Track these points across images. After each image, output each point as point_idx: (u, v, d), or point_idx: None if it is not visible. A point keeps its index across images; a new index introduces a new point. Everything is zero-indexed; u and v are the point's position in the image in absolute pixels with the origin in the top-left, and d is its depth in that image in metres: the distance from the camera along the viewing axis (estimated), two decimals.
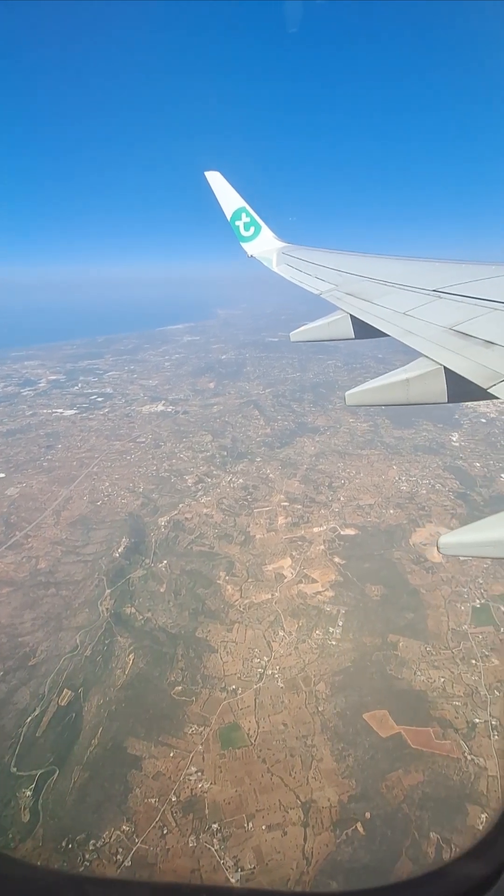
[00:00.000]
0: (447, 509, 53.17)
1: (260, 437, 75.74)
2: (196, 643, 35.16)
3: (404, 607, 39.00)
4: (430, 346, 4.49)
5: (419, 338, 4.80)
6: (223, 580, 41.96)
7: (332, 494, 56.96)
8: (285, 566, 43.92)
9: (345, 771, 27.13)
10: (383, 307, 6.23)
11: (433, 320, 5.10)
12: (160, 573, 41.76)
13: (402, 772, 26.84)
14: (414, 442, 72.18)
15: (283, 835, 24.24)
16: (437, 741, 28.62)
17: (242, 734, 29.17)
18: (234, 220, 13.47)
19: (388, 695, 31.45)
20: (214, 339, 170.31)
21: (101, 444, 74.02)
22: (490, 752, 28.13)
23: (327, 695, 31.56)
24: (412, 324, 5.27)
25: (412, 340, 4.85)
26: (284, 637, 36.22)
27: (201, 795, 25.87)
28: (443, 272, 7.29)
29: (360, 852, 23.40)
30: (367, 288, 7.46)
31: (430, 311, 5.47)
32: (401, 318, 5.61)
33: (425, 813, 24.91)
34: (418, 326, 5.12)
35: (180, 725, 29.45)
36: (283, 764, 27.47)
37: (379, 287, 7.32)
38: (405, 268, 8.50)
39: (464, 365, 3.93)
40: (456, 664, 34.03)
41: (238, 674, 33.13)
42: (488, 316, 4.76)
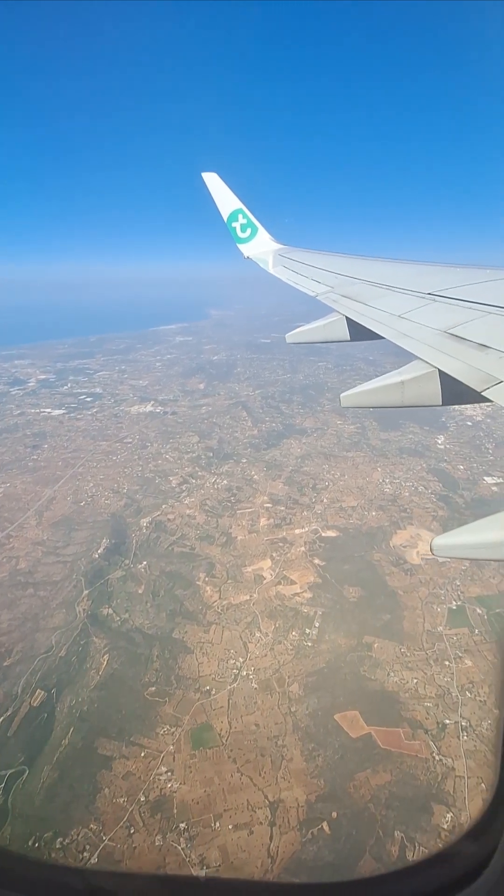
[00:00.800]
0: (428, 511, 53.66)
1: (247, 438, 75.94)
2: (172, 644, 35.31)
3: (381, 609, 39.35)
4: (425, 349, 4.53)
5: (414, 340, 4.84)
6: (203, 581, 42.14)
7: (315, 496, 57.30)
8: (265, 567, 44.17)
9: (314, 771, 27.39)
10: (378, 310, 6.30)
11: (428, 323, 5.14)
12: (139, 574, 41.86)
13: (370, 772, 27.13)
14: (400, 444, 72.71)
15: (249, 834, 24.46)
16: (406, 741, 28.94)
17: (214, 734, 29.36)
18: (231, 221, 13.54)
19: (360, 696, 31.74)
20: (207, 340, 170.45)
21: (87, 445, 73.91)
22: (458, 753, 28.49)
23: (300, 696, 31.81)
24: (407, 326, 5.32)
25: (407, 343, 4.89)
26: (261, 638, 36.45)
27: (170, 795, 26.03)
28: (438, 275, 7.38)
29: (324, 851, 23.66)
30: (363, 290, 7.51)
31: (425, 314, 5.52)
32: (396, 320, 5.66)
33: (391, 812, 25.21)
34: (413, 329, 5.15)
35: (152, 726, 29.58)
36: (254, 764, 27.70)
37: (374, 289, 7.39)
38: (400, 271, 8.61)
39: (458, 368, 3.97)
40: (429, 665, 34.41)
41: (213, 675, 33.31)
42: (482, 319, 4.81)
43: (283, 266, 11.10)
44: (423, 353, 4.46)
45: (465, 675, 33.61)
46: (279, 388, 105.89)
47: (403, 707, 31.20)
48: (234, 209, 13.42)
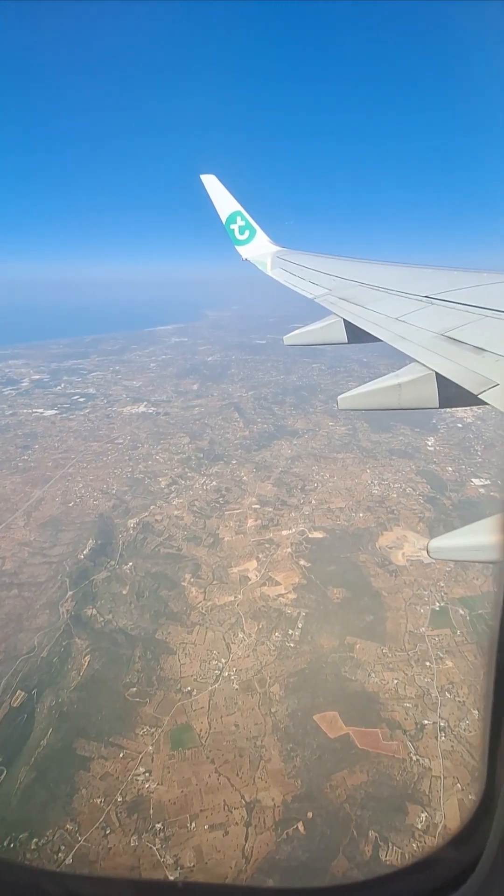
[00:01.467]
0: (415, 513, 53.92)
1: (238, 439, 76.07)
2: (155, 645, 35.42)
3: (364, 610, 39.55)
4: (422, 352, 4.55)
5: (411, 343, 4.86)
6: (188, 582, 42.27)
7: (303, 497, 57.49)
8: (251, 569, 44.33)
9: (291, 771, 27.54)
10: (376, 312, 6.33)
11: (425, 326, 5.16)
12: (124, 575, 41.95)
13: (347, 772, 27.30)
14: (390, 446, 72.93)
15: (224, 834, 24.58)
16: (384, 742, 29.13)
17: (194, 735, 29.48)
18: (230, 223, 13.59)
19: (340, 696, 31.92)
20: (202, 341, 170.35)
21: (78, 445, 73.92)
22: (436, 753, 28.70)
23: (281, 696, 31.97)
24: (404, 329, 5.33)
25: (404, 346, 4.91)
26: (244, 639, 36.59)
27: (147, 796, 26.14)
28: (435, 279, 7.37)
29: (298, 851, 23.82)
30: (361, 293, 7.54)
31: (422, 317, 5.54)
32: (393, 323, 5.68)
33: (366, 812, 25.39)
34: (410, 332, 5.18)
35: (132, 727, 29.68)
36: (232, 764, 27.83)
37: (372, 292, 7.43)
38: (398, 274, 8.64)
39: (455, 370, 3.97)
40: (410, 666, 34.62)
41: (194, 675, 33.44)
42: (479, 323, 4.82)
43: (281, 268, 11.19)
44: (420, 355, 4.49)
45: (445, 675, 33.84)
46: (272, 389, 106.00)
47: (383, 708, 31.40)
48: (232, 211, 13.51)
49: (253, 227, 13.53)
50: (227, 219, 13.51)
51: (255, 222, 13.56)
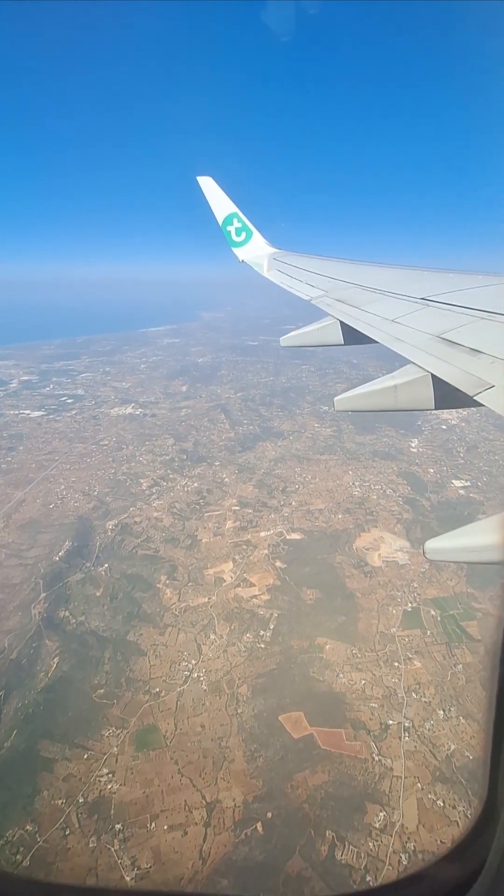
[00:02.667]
0: (394, 514, 54.27)
1: (223, 441, 76.26)
2: (125, 647, 35.57)
3: (337, 611, 39.85)
4: (418, 354, 4.56)
5: (407, 345, 4.87)
6: (163, 584, 42.44)
7: (284, 499, 57.75)
8: (226, 570, 44.54)
9: (254, 772, 27.77)
10: (372, 314, 6.33)
11: (421, 328, 5.19)
12: (99, 577, 42.08)
13: (308, 772, 27.56)
14: (374, 447, 73.34)
15: (183, 835, 24.79)
16: (347, 742, 29.41)
17: (159, 736, 29.68)
18: (226, 225, 13.61)
19: (307, 697, 32.18)
20: (194, 342, 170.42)
21: (63, 447, 73.91)
22: (398, 753, 29.02)
23: (248, 697, 32.20)
24: (400, 331, 5.35)
25: (400, 347, 4.92)
26: (215, 640, 36.80)
27: (109, 797, 26.30)
28: (431, 281, 7.43)
29: (255, 851, 24.04)
30: (357, 295, 7.55)
31: (418, 319, 5.57)
32: (389, 324, 5.68)
33: (325, 812, 25.65)
34: (406, 333, 5.19)
35: (98, 728, 29.85)
36: (195, 765, 28.04)
37: (368, 294, 7.42)
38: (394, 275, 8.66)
39: (451, 372, 3.98)
40: (379, 666, 34.94)
41: (164, 677, 33.63)
42: (474, 324, 4.85)
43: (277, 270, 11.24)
44: (416, 357, 4.51)
45: (412, 676, 34.19)
46: (261, 390, 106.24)
47: (349, 708, 31.68)
48: (228, 213, 13.55)
49: (249, 229, 13.63)
50: (223, 220, 13.59)
51: (251, 224, 13.65)
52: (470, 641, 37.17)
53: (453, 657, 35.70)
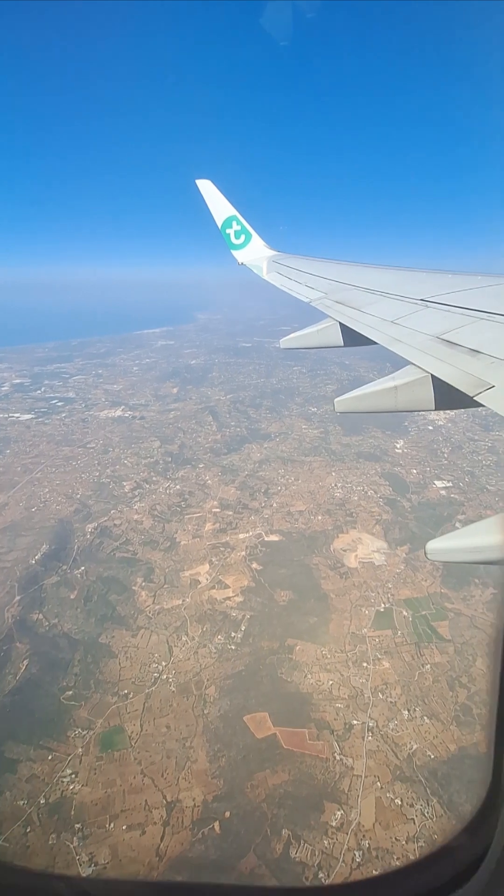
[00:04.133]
0: (373, 515, 54.62)
1: (209, 443, 76.63)
2: (97, 649, 35.98)
3: (309, 612, 40.20)
4: (418, 354, 4.57)
5: (407, 346, 4.88)
6: (139, 586, 42.84)
7: (265, 501, 58.13)
8: (202, 572, 44.94)
9: (216, 771, 28.15)
10: (372, 315, 6.34)
11: (420, 329, 5.19)
12: (74, 580, 42.48)
13: (269, 772, 27.92)
14: (359, 449, 73.66)
15: (141, 834, 25.17)
16: (309, 742, 29.78)
17: (124, 737, 30.07)
18: (225, 227, 13.67)
19: (273, 697, 32.55)
20: (189, 344, 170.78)
21: (49, 450, 74.32)
22: (360, 753, 29.38)
23: (215, 698, 32.58)
24: (400, 332, 5.36)
25: (400, 348, 4.93)
26: (187, 642, 37.19)
27: (71, 797, 26.67)
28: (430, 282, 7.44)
29: (210, 850, 24.41)
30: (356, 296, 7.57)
31: (418, 320, 5.57)
32: (389, 326, 5.70)
33: (282, 811, 26.01)
34: (406, 335, 5.20)
35: (64, 729, 30.22)
36: (158, 766, 28.43)
37: (367, 296, 7.45)
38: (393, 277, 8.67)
39: (451, 373, 3.98)
40: (348, 667, 35.29)
41: (133, 678, 34.01)
42: (474, 325, 4.85)
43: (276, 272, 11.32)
44: (415, 358, 4.52)
45: (380, 676, 34.55)
46: (251, 392, 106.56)
47: (314, 708, 32.04)
48: (228, 216, 13.62)
49: (248, 232, 13.69)
50: (222, 223, 13.67)
51: (250, 227, 13.71)
52: (440, 641, 37.54)
53: (422, 657, 36.05)
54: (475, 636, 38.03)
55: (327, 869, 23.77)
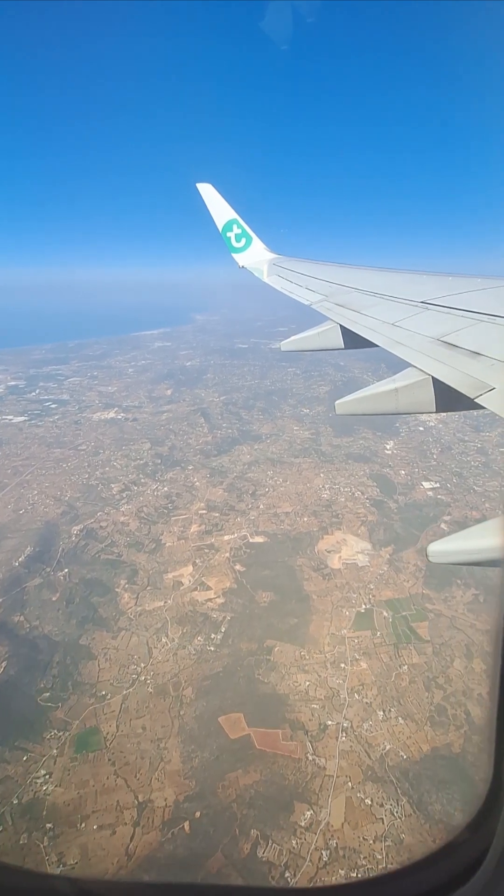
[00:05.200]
0: (359, 516, 54.81)
1: (199, 445, 76.92)
2: (76, 650, 36.27)
3: (290, 613, 40.43)
4: (419, 357, 4.58)
5: (407, 348, 4.90)
6: (122, 588, 43.12)
7: (252, 502, 58.38)
8: (186, 574, 45.20)
9: (188, 772, 28.39)
10: (372, 318, 6.35)
11: (421, 331, 5.21)
12: (57, 582, 42.80)
13: (241, 772, 28.15)
14: (349, 450, 73.84)
15: (111, 834, 25.41)
16: (283, 742, 30.00)
17: (100, 738, 30.33)
18: (226, 231, 13.70)
19: (249, 698, 32.79)
20: (185, 345, 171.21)
21: (41, 452, 74.69)
22: (333, 753, 29.58)
23: (192, 699, 32.83)
24: (400, 334, 5.37)
25: (400, 351, 4.93)
26: (166, 643, 37.45)
27: (43, 797, 26.93)
28: (430, 284, 7.47)
29: (179, 850, 24.64)
30: (356, 299, 7.60)
31: (418, 322, 5.59)
32: (389, 328, 5.72)
33: (252, 811, 26.23)
34: (406, 337, 5.21)
35: (40, 731, 30.49)
36: (132, 766, 28.68)
37: (368, 298, 7.47)
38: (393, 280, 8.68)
39: (451, 375, 3.99)
40: (325, 668, 35.51)
41: (111, 680, 34.28)
42: (474, 327, 4.87)
43: (277, 275, 11.38)
44: (416, 360, 4.52)
45: (357, 677, 34.75)
46: (244, 394, 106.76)
47: (290, 709, 32.27)
48: (228, 219, 13.67)
49: (249, 235, 13.72)
50: (223, 227, 13.70)
51: (250, 230, 13.74)
52: (418, 642, 37.72)
53: (400, 658, 36.24)
54: (454, 637, 38.23)
55: (294, 868, 24.00)
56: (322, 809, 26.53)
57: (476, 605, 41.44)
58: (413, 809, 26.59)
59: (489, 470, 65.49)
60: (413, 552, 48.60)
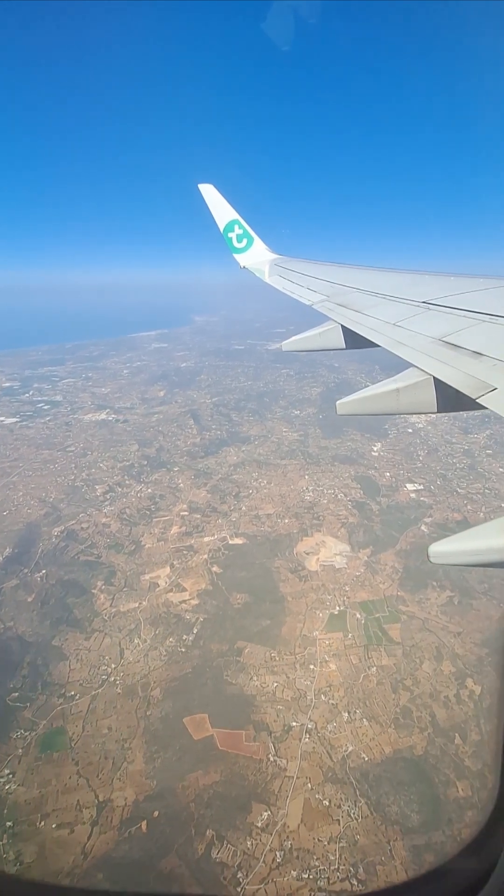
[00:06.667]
0: (340, 518, 54.99)
1: (187, 446, 77.26)
2: (49, 651, 36.63)
3: (263, 615, 40.67)
4: (420, 357, 4.57)
5: (409, 348, 4.88)
6: (98, 589, 43.47)
7: (235, 504, 58.65)
8: (163, 575, 45.52)
9: (150, 772, 28.68)
10: (374, 318, 6.34)
11: (423, 331, 5.19)
12: (34, 583, 43.20)
13: (201, 772, 28.41)
14: (336, 452, 73.99)
15: (69, 832, 25.72)
16: (245, 743, 30.25)
17: (65, 738, 30.65)
18: (227, 231, 13.69)
19: (216, 699, 33.05)
20: (182, 347, 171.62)
21: (29, 454, 75.18)
22: (295, 754, 29.81)
23: (159, 700, 33.11)
24: (402, 334, 5.35)
25: (402, 351, 4.91)
26: (139, 644, 37.75)
27: (5, 796, 27.27)
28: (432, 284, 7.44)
29: (134, 849, 24.94)
30: (358, 299, 7.58)
31: (420, 323, 5.58)
32: (391, 328, 5.70)
33: (209, 811, 26.50)
34: (408, 337, 5.19)
35: (7, 730, 30.84)
36: (95, 766, 28.98)
37: (369, 298, 7.44)
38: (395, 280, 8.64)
39: (453, 375, 3.97)
40: (294, 669, 35.73)
41: (81, 680, 34.61)
42: (476, 327, 4.84)
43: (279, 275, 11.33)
44: (418, 360, 4.50)
45: (325, 678, 34.96)
46: (236, 395, 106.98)
47: (256, 710, 32.52)
48: (230, 220, 13.64)
49: (251, 236, 13.70)
50: (224, 227, 13.71)
51: (252, 231, 13.77)
52: (389, 644, 37.91)
53: (369, 660, 36.43)
54: (425, 639, 38.38)
55: (247, 869, 24.24)
56: (280, 810, 26.75)
57: (450, 608, 41.58)
58: (370, 811, 26.80)
59: (473, 472, 65.55)
60: (391, 554, 48.82)
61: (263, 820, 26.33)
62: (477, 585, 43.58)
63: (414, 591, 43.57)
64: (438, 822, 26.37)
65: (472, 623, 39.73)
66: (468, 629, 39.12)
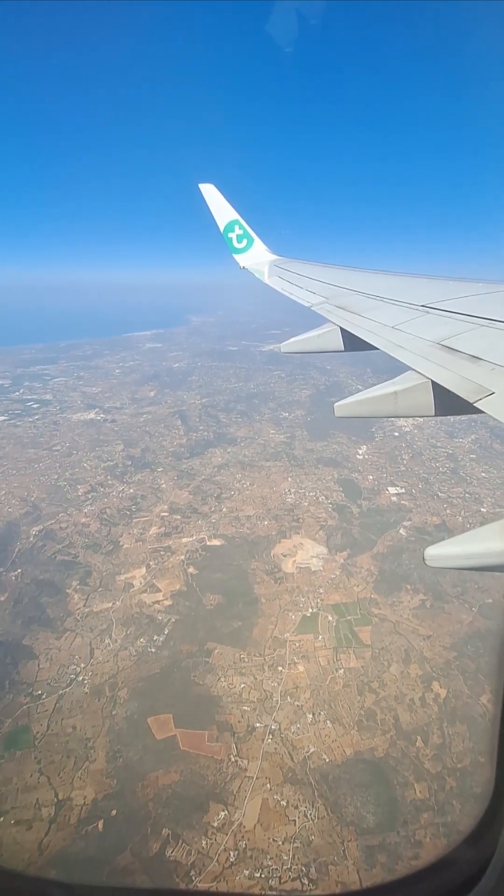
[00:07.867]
0: (319, 521, 55.28)
1: (173, 447, 77.44)
2: (18, 650, 36.79)
3: (235, 616, 40.92)
4: (418, 360, 4.58)
5: (407, 351, 4.89)
6: (73, 589, 43.65)
7: (216, 505, 58.88)
8: (138, 575, 45.72)
9: (111, 771, 28.89)
10: (373, 321, 6.36)
11: (421, 334, 5.21)
12: (8, 582, 43.34)
13: (161, 772, 28.66)
14: (322, 454, 74.27)
15: (27, 829, 25.93)
16: (208, 744, 30.50)
17: (29, 737, 30.85)
18: (227, 231, 13.68)
19: (182, 700, 33.28)
20: (175, 347, 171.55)
21: (15, 453, 75.22)
22: (257, 755, 30.07)
23: (125, 700, 33.32)
24: (401, 338, 5.37)
25: (400, 354, 4.93)
26: (109, 644, 37.95)
27: None
28: (431, 288, 7.51)
29: (89, 847, 25.15)
30: (357, 302, 7.60)
31: (418, 326, 5.59)
32: (389, 331, 5.71)
33: (167, 810, 26.75)
34: (407, 340, 5.21)
35: None
36: (56, 765, 29.18)
37: (368, 301, 7.49)
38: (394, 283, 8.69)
39: (451, 379, 3.98)
40: (263, 671, 35.99)
41: (49, 680, 34.80)
42: (475, 331, 4.86)
43: (278, 276, 11.38)
44: (416, 364, 4.52)
45: (293, 680, 35.23)
46: (226, 396, 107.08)
47: (221, 711, 32.77)
48: (230, 220, 13.64)
49: (251, 236, 13.71)
50: (224, 227, 13.68)
51: (252, 231, 13.81)
52: (359, 647, 38.19)
53: (337, 662, 36.71)
54: (395, 642, 38.70)
55: (199, 868, 24.48)
56: (237, 810, 27.02)
57: (422, 611, 41.92)
58: (327, 812, 27.07)
59: (455, 476, 65.95)
60: (368, 557, 49.14)
61: (220, 820, 26.60)
62: (450, 589, 43.93)
63: (388, 593, 43.89)
64: (394, 823, 26.68)
65: (443, 626, 40.09)
66: (438, 632, 39.47)
